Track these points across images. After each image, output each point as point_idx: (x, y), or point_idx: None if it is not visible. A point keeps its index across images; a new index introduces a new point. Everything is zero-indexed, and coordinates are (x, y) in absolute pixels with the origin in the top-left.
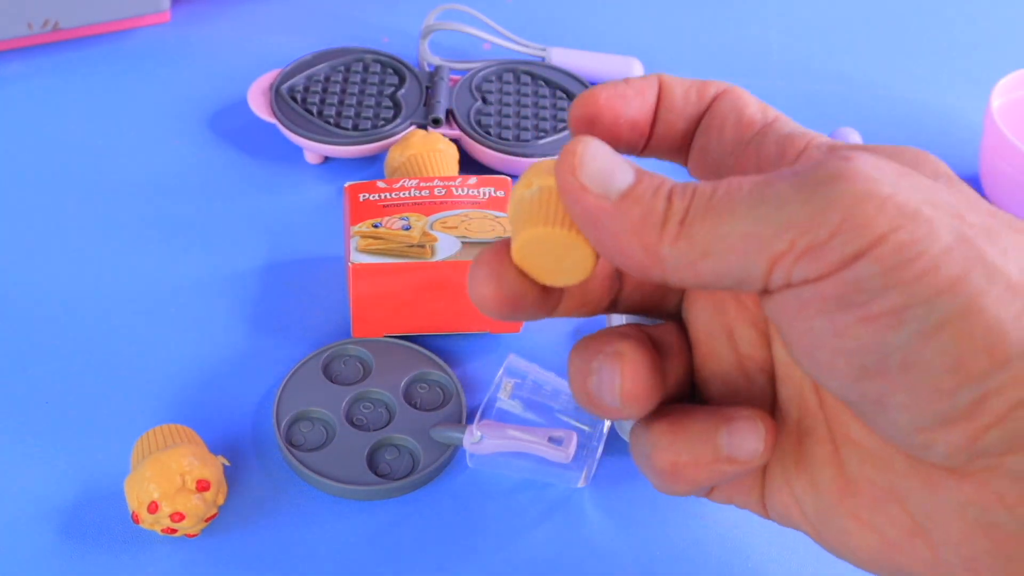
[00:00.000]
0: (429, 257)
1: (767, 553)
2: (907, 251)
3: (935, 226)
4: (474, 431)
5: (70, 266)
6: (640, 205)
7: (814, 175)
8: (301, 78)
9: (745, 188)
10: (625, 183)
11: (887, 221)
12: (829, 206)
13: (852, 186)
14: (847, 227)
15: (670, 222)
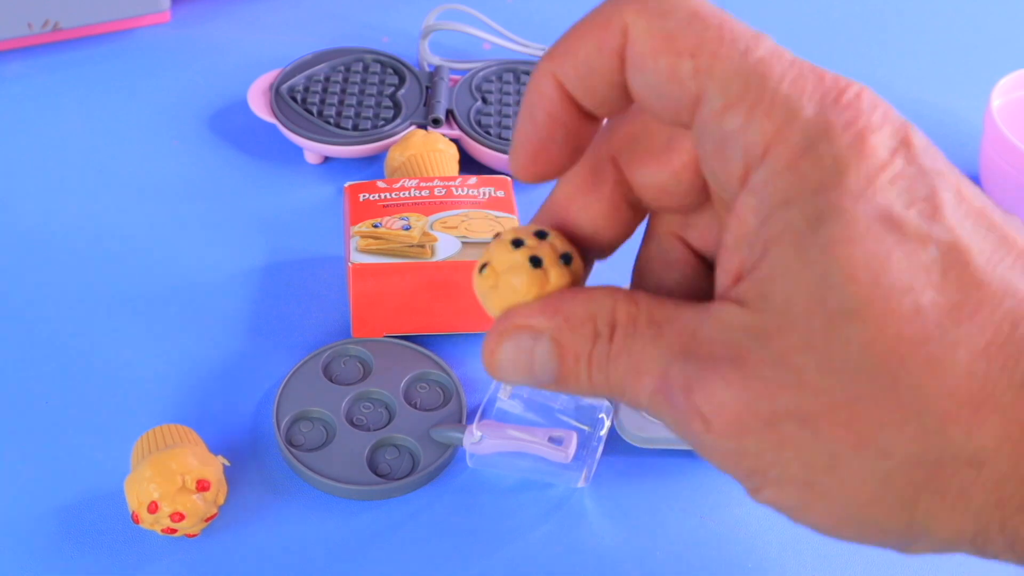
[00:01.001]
0: (429, 257)
1: (767, 553)
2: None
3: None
4: (474, 431)
5: (69, 266)
6: (571, 390)
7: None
8: (301, 78)
9: (644, 396)
10: (549, 373)
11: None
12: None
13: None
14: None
15: (605, 396)
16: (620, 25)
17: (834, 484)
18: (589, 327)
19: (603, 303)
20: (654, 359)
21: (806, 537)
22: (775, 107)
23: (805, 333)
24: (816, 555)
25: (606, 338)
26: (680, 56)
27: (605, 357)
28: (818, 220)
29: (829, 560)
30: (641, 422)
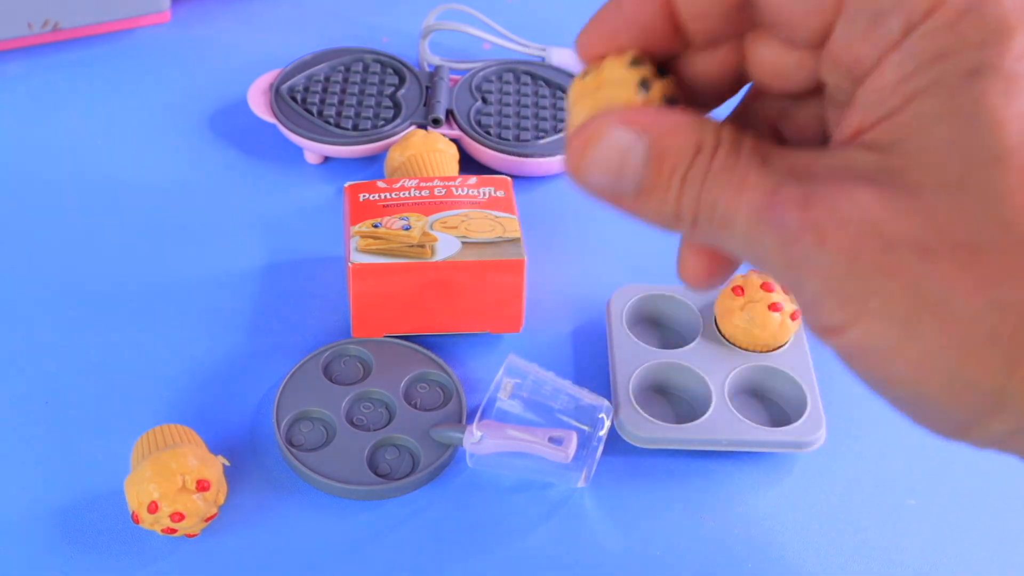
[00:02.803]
0: (429, 257)
1: (767, 553)
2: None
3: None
4: (474, 431)
5: (69, 266)
6: (652, 205)
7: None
8: (301, 78)
9: (742, 213)
10: (636, 181)
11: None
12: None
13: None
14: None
15: (683, 223)
16: None
17: (936, 326)
18: (693, 140)
19: (710, 124)
20: (762, 176)
21: (806, 537)
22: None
23: (942, 173)
24: (816, 555)
25: (709, 153)
26: None
27: (703, 171)
28: (974, 73)
29: (829, 560)
30: (641, 422)
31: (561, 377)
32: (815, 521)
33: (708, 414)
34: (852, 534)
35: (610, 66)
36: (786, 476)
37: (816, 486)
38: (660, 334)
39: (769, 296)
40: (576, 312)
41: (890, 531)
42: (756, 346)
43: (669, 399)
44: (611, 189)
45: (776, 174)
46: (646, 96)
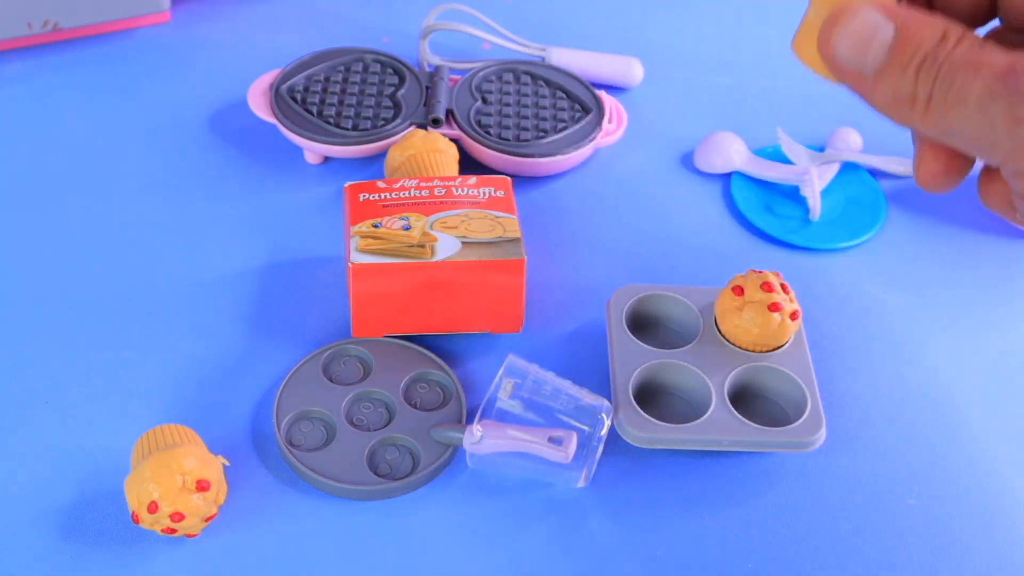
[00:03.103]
0: (429, 257)
1: (767, 553)
2: None
3: None
4: (474, 431)
5: (70, 266)
6: (889, 85)
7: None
8: (301, 78)
9: (978, 86)
10: (878, 60)
11: None
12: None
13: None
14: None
15: (917, 104)
16: None
17: None
18: (940, 29)
19: (956, 23)
20: (1001, 54)
21: (806, 537)
22: None
23: None
24: (816, 554)
25: (953, 41)
26: None
27: (946, 54)
28: None
29: (829, 560)
30: (641, 422)
31: (561, 377)
32: (815, 521)
33: (708, 414)
34: (852, 534)
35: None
36: (786, 476)
37: (816, 486)
38: (660, 334)
39: (769, 296)
40: (576, 312)
41: (890, 531)
42: (756, 346)
43: (669, 399)
44: (856, 64)
45: (1011, 55)
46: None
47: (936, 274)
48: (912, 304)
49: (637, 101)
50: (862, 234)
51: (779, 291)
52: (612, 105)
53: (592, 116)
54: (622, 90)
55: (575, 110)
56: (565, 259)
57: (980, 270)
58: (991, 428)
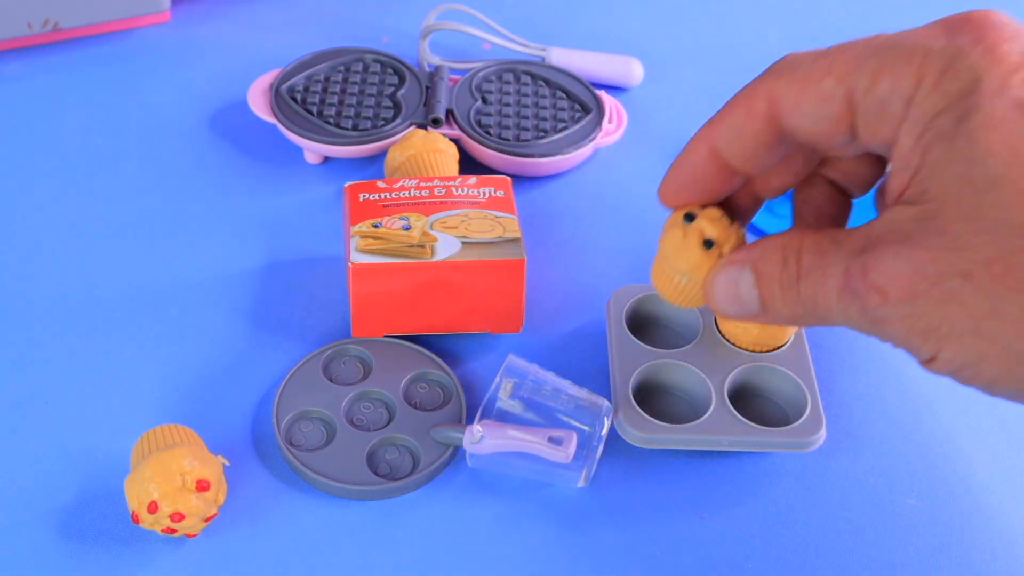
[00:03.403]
0: (429, 257)
1: (767, 553)
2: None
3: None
4: (474, 431)
5: (70, 266)
6: (776, 314)
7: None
8: (301, 78)
9: (832, 297)
10: (755, 302)
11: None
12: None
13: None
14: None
15: (805, 319)
16: (764, 93)
17: (1000, 327)
18: (779, 255)
19: (790, 237)
20: (836, 263)
21: (806, 537)
22: (912, 56)
23: (959, 206)
24: (816, 555)
25: (794, 261)
26: (821, 80)
27: (795, 276)
28: (962, 118)
29: (829, 560)
30: (641, 422)
31: (561, 377)
32: (815, 521)
33: (708, 414)
34: (852, 534)
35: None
36: (786, 476)
37: (816, 486)
38: (660, 334)
39: None
40: (576, 312)
41: (890, 531)
42: (756, 346)
43: (669, 399)
44: (743, 312)
45: (847, 255)
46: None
47: None
48: None
49: (637, 101)
50: None
51: None
52: (612, 105)
53: (592, 116)
54: (622, 90)
55: (575, 110)
56: (565, 259)
57: None
58: (991, 428)
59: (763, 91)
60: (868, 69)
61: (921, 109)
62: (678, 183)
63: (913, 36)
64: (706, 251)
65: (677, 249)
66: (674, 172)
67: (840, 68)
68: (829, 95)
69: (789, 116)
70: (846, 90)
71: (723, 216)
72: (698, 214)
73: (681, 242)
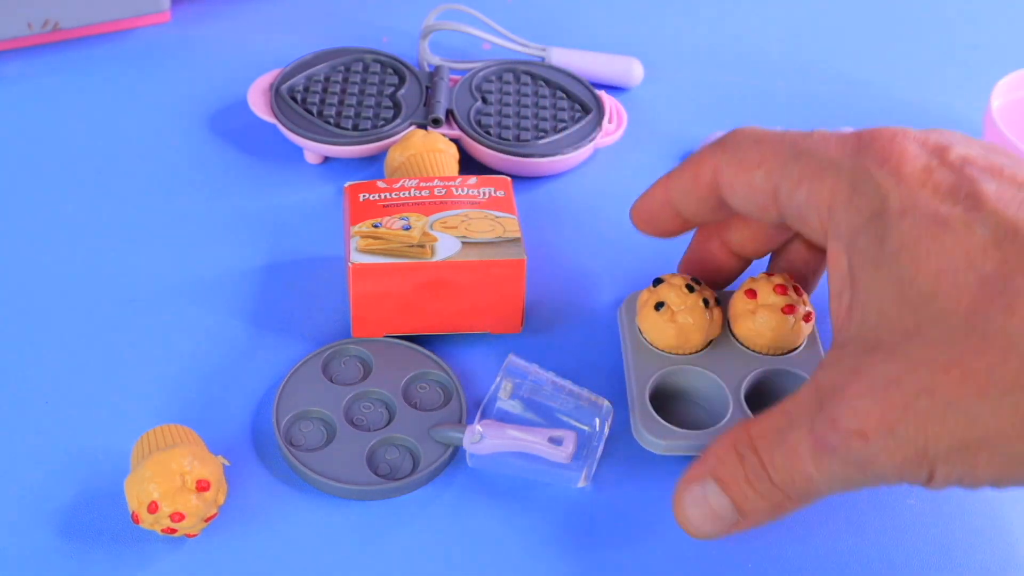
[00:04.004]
0: (429, 257)
1: (767, 553)
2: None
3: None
4: (474, 431)
5: (70, 266)
6: (759, 518)
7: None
8: (301, 78)
9: (808, 465)
10: (731, 511)
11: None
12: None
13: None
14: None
15: (784, 506)
16: (710, 165)
17: (983, 433)
18: (734, 453)
19: (735, 433)
20: (798, 431)
21: (806, 537)
22: (825, 172)
23: (901, 327)
24: (816, 555)
25: (751, 452)
26: (752, 171)
27: (759, 465)
28: (881, 241)
29: (828, 560)
30: (660, 429)
31: (561, 377)
32: (815, 521)
33: (726, 420)
34: (852, 534)
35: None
36: None
37: None
38: None
39: (782, 299)
40: (576, 312)
41: (890, 531)
42: (771, 349)
43: (685, 404)
44: (723, 527)
45: (804, 420)
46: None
47: None
48: None
49: (637, 101)
50: None
51: (792, 293)
52: (612, 105)
53: (592, 116)
54: (622, 90)
55: (575, 110)
56: (565, 259)
57: None
58: None
59: (709, 163)
60: (790, 174)
61: (840, 225)
62: (641, 217)
63: (826, 148)
64: (657, 312)
65: (641, 308)
66: (639, 206)
67: (769, 163)
68: (759, 187)
69: (726, 193)
70: (772, 187)
71: (685, 284)
72: (665, 279)
73: (644, 304)
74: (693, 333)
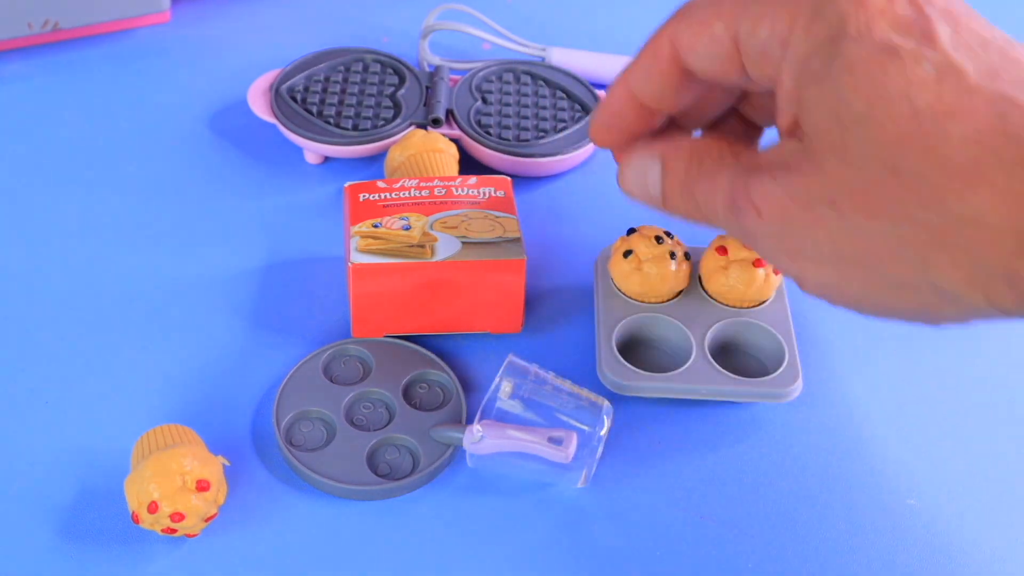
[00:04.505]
0: (429, 257)
1: (767, 553)
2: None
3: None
4: (474, 431)
5: (70, 266)
6: (674, 206)
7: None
8: (301, 78)
9: (720, 211)
10: (657, 190)
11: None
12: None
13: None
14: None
15: (700, 216)
16: (666, 36)
17: (859, 251)
18: (686, 155)
19: (703, 142)
20: (727, 177)
21: (805, 537)
22: (787, 2)
23: (829, 141)
24: (816, 555)
25: (696, 165)
26: (711, 24)
27: (695, 179)
28: (830, 61)
29: (828, 559)
30: (621, 370)
31: (561, 377)
32: (815, 521)
33: (688, 364)
34: (852, 534)
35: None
36: (786, 475)
37: (816, 486)
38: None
39: (752, 253)
40: (576, 312)
41: (890, 531)
42: (742, 302)
43: (653, 352)
44: (646, 197)
45: (737, 172)
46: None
47: None
48: None
49: None
50: None
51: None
52: None
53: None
54: None
55: (575, 110)
56: (565, 259)
57: None
58: (992, 428)
59: (665, 35)
60: (750, 14)
61: (795, 51)
62: (602, 123)
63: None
64: (625, 259)
65: (612, 255)
66: (598, 113)
67: (727, 13)
68: (719, 38)
69: (687, 57)
70: (733, 34)
71: (655, 235)
72: (638, 230)
73: (615, 251)
74: (658, 282)
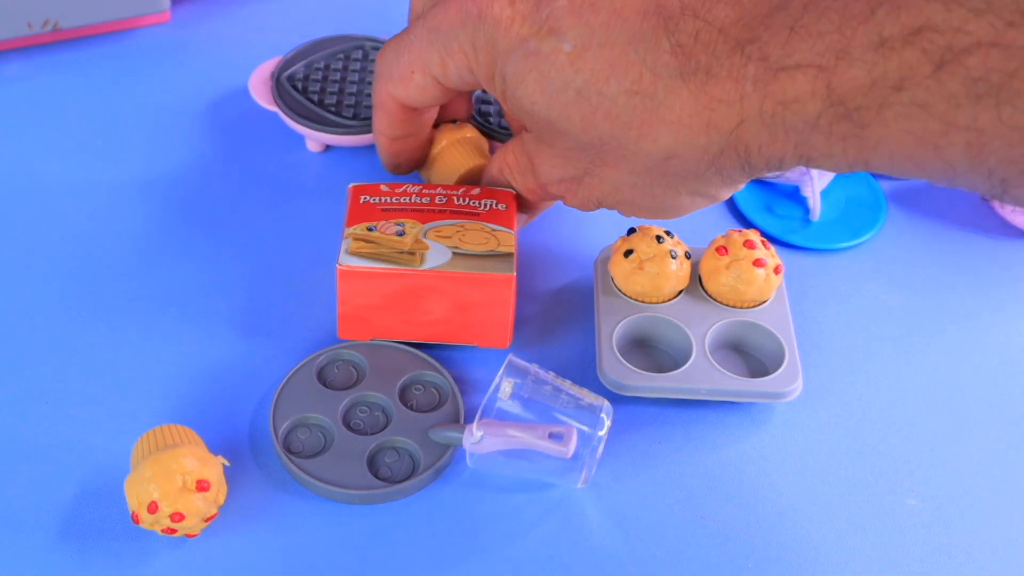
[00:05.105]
0: (417, 265)
1: (767, 553)
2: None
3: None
4: (474, 430)
5: (69, 266)
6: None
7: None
8: (301, 66)
9: (492, 169)
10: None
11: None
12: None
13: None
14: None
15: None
16: (386, 95)
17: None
18: (512, 164)
19: (507, 157)
20: (527, 177)
21: (805, 538)
22: (451, 43)
23: (547, 138)
24: (816, 555)
25: (508, 173)
26: (411, 78)
27: (499, 165)
28: (504, 81)
29: (828, 559)
30: (621, 370)
31: (561, 377)
32: (814, 522)
33: (688, 364)
34: (852, 534)
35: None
36: (786, 475)
37: (815, 487)
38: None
39: (752, 253)
40: (576, 312)
41: (890, 531)
42: (743, 303)
43: (653, 352)
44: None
45: (525, 172)
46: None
47: (936, 274)
48: (912, 304)
49: None
50: (862, 234)
51: (760, 248)
52: None
53: None
54: None
55: None
56: (565, 262)
57: (980, 270)
58: (992, 428)
59: (385, 94)
60: (434, 62)
61: (481, 76)
62: (391, 164)
63: (446, 21)
64: (626, 259)
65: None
66: (383, 156)
67: (417, 63)
68: (423, 85)
69: (410, 103)
70: (431, 78)
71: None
72: (639, 229)
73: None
74: (659, 282)
